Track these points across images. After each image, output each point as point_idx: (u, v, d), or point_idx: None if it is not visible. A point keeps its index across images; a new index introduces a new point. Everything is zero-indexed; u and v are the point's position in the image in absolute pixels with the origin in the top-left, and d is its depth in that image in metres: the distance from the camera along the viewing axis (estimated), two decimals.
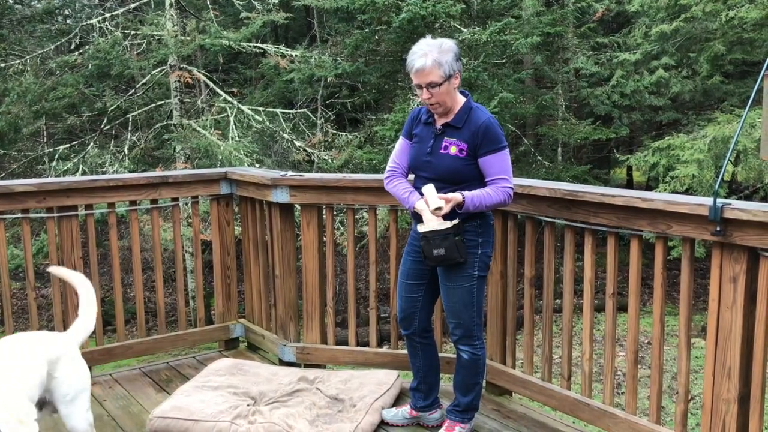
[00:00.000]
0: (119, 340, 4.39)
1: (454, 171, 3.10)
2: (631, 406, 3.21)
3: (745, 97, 12.52)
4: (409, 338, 3.48)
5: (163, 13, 11.76)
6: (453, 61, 3.02)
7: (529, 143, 13.51)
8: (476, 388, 3.37)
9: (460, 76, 3.08)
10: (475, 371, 3.33)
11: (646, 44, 12.24)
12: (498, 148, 3.07)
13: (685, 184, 9.77)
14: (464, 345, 3.28)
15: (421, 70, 3.01)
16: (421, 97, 3.09)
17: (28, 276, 4.10)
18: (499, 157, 3.08)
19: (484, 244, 3.19)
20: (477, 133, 3.06)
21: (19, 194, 3.92)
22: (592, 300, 3.36)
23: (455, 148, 3.09)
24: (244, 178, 4.43)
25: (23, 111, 11.45)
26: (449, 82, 3.03)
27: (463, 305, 3.21)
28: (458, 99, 3.15)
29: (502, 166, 3.09)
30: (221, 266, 4.67)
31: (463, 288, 3.19)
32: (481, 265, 3.20)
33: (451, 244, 3.07)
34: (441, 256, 3.09)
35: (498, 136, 3.07)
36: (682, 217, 2.83)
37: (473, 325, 3.25)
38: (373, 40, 11.89)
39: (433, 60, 2.98)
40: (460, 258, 3.10)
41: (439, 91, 3.03)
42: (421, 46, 3.05)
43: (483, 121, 3.07)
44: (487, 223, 3.21)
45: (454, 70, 3.03)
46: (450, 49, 3.03)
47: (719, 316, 2.77)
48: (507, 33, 11.16)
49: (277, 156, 12.19)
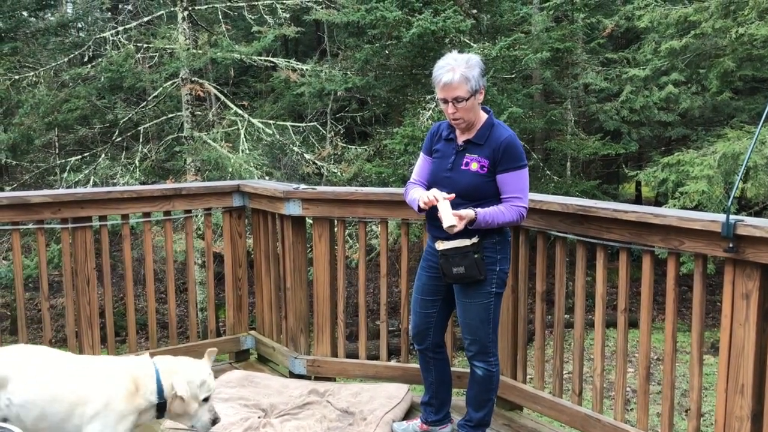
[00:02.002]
0: (130, 351, 4.41)
1: (474, 187, 3.09)
2: (643, 423, 3.20)
3: (755, 113, 12.51)
4: (422, 353, 3.49)
5: (175, 26, 11.87)
6: (479, 77, 3.03)
7: (538, 158, 13.52)
8: (489, 404, 3.37)
9: (484, 91, 3.08)
10: (489, 387, 3.33)
11: (655, 60, 12.25)
12: (517, 167, 3.08)
13: (694, 200, 9.76)
14: (479, 361, 3.29)
15: (448, 84, 3.00)
16: (446, 111, 3.09)
17: (42, 286, 4.13)
18: (517, 175, 3.08)
19: (502, 260, 3.20)
20: (498, 150, 3.06)
21: (35, 205, 3.96)
22: (603, 315, 3.36)
23: (476, 165, 3.09)
24: (256, 190, 4.46)
25: (36, 122, 11.55)
26: (474, 98, 3.04)
27: (479, 322, 3.21)
28: (481, 115, 3.15)
29: (519, 185, 3.09)
30: (233, 278, 4.69)
31: (481, 305, 3.19)
32: (498, 282, 3.20)
33: (471, 262, 3.08)
34: (461, 274, 3.10)
35: (518, 154, 3.08)
36: (695, 234, 2.83)
37: (489, 341, 3.25)
38: (383, 55, 11.96)
39: (461, 75, 2.99)
40: (480, 276, 3.10)
41: (465, 106, 3.03)
42: (448, 60, 3.04)
43: (504, 138, 3.07)
44: (505, 240, 3.22)
45: (480, 85, 3.03)
46: (477, 64, 3.04)
47: (732, 332, 2.77)
48: (516, 48, 11.20)
49: (287, 169, 12.25)
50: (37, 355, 2.76)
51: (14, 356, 2.73)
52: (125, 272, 4.41)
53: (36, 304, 12.60)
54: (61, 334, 11.27)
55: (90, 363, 2.84)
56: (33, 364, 2.69)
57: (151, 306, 4.48)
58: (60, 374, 2.69)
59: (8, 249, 11.51)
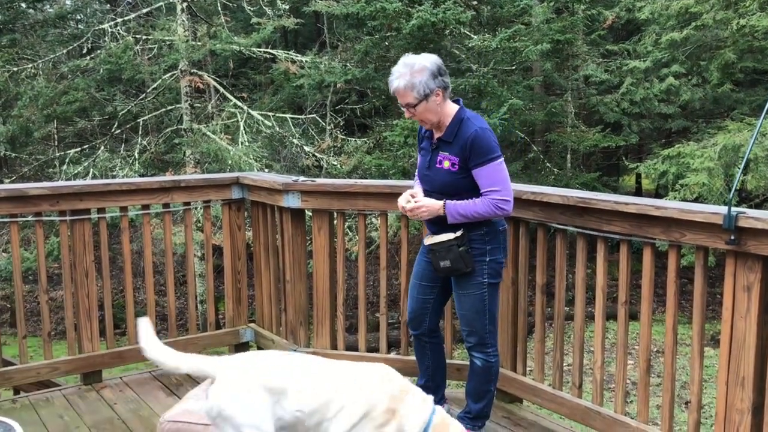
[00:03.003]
0: (130, 344, 4.40)
1: (448, 185, 3.12)
2: (643, 415, 3.20)
3: (756, 105, 12.48)
4: (418, 338, 3.50)
5: (174, 18, 11.83)
6: (428, 80, 2.98)
7: (538, 150, 13.50)
8: (488, 396, 3.37)
9: (443, 91, 3.04)
10: (488, 378, 3.33)
11: (656, 52, 12.22)
12: (487, 160, 3.02)
13: (695, 192, 9.75)
14: (477, 352, 3.29)
15: (396, 92, 3.05)
16: (406, 116, 3.14)
17: (41, 279, 4.12)
18: (488, 169, 3.03)
19: (492, 251, 3.18)
20: (466, 146, 3.03)
21: (33, 197, 3.94)
22: (604, 308, 3.35)
23: (448, 163, 3.09)
24: (255, 182, 4.45)
25: (35, 114, 11.53)
26: (426, 101, 3.01)
27: (475, 313, 3.22)
28: (447, 112, 3.10)
29: (492, 178, 3.04)
30: (232, 270, 4.68)
31: (474, 296, 3.20)
32: (491, 272, 3.19)
33: (456, 256, 3.11)
34: (448, 267, 3.15)
35: (486, 147, 3.01)
36: (696, 226, 2.82)
37: (486, 332, 3.25)
38: (383, 47, 11.92)
39: (406, 82, 2.98)
40: (466, 268, 3.12)
41: (417, 111, 3.04)
42: (398, 67, 3.05)
43: (471, 134, 3.02)
44: (495, 231, 3.20)
45: (430, 88, 2.99)
46: (423, 68, 2.99)
47: (733, 325, 2.76)
48: (517, 40, 11.17)
49: (286, 161, 12.23)
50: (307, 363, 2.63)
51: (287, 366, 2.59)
52: (124, 265, 4.40)
53: (35, 296, 12.61)
54: (61, 326, 11.29)
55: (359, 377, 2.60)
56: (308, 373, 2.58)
57: (151, 298, 4.46)
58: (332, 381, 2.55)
59: (7, 241, 11.51)
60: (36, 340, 9.57)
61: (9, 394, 5.10)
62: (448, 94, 3.09)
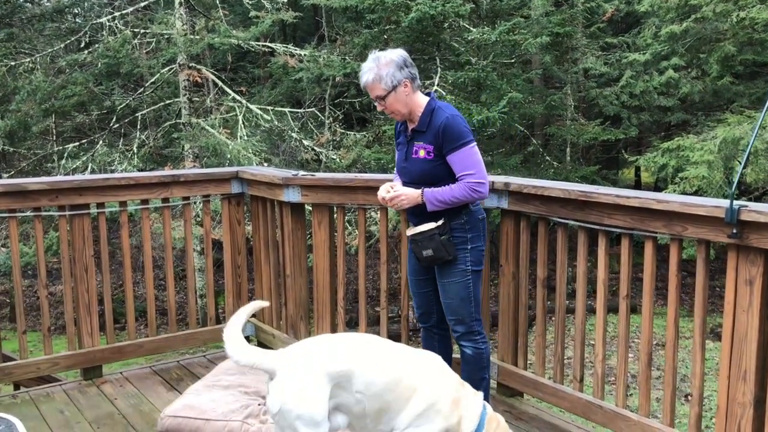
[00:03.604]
0: (130, 339, 4.40)
1: (425, 173, 3.18)
2: (645, 409, 3.19)
3: (755, 98, 12.45)
4: (428, 330, 3.52)
5: (172, 11, 11.79)
6: (395, 72, 3.09)
7: (537, 143, 13.48)
8: (483, 384, 3.36)
9: (411, 82, 3.13)
10: (480, 366, 3.33)
11: (655, 45, 12.18)
12: (459, 146, 3.09)
13: (694, 186, 9.73)
14: (466, 341, 3.31)
15: (366, 86, 3.18)
16: (378, 109, 3.22)
17: (40, 274, 4.10)
18: (461, 153, 3.09)
19: (473, 239, 3.24)
20: (438, 134, 3.10)
21: (32, 192, 3.93)
22: (605, 302, 3.34)
23: (423, 151, 3.17)
24: (255, 177, 4.43)
25: (33, 109, 11.49)
26: (395, 92, 3.11)
27: (460, 300, 3.25)
28: (418, 103, 3.19)
29: (465, 162, 3.10)
30: (232, 265, 4.67)
31: (459, 284, 3.24)
32: (473, 259, 3.24)
33: (437, 244, 3.17)
34: (430, 256, 3.20)
35: (458, 133, 3.09)
36: (698, 219, 2.81)
37: (473, 320, 3.28)
38: (382, 40, 11.87)
39: (374, 75, 3.11)
40: (448, 256, 3.18)
41: (386, 102, 3.14)
42: (366, 62, 3.17)
43: (442, 121, 3.10)
44: (475, 219, 3.25)
45: (397, 80, 3.09)
46: (390, 61, 3.10)
47: (735, 318, 2.75)
48: (516, 33, 11.13)
49: (285, 155, 12.20)
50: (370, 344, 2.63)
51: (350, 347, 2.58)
52: (124, 259, 4.39)
53: (35, 291, 12.60)
54: (60, 321, 11.28)
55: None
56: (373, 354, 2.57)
57: (150, 293, 4.46)
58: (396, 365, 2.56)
59: (6, 237, 11.49)
60: (35, 335, 9.57)
61: (9, 389, 5.09)
62: (416, 85, 3.17)
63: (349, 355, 2.51)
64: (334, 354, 2.49)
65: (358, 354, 2.52)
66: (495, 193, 3.68)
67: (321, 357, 2.47)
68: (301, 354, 2.51)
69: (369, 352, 2.56)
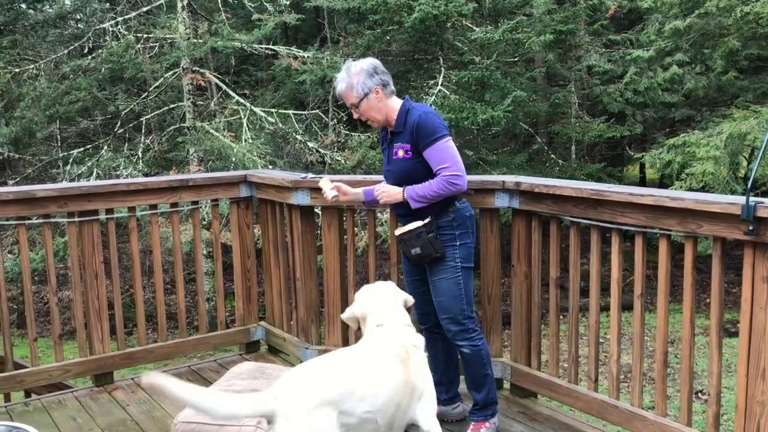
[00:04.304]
0: (140, 345, 4.39)
1: (406, 172, 3.23)
2: (661, 408, 3.17)
3: (760, 93, 12.40)
4: (429, 331, 3.52)
5: (175, 16, 11.78)
6: (365, 80, 3.19)
7: (542, 142, 13.44)
8: (487, 381, 3.36)
9: (383, 88, 3.22)
10: (481, 363, 3.33)
11: (659, 41, 12.14)
12: (433, 140, 3.12)
13: (701, 182, 9.69)
14: (461, 340, 3.31)
15: (339, 95, 3.31)
16: (355, 116, 3.34)
17: (50, 281, 4.10)
18: (436, 148, 3.12)
19: (462, 236, 3.26)
20: (413, 131, 3.16)
21: (41, 199, 3.92)
22: (619, 301, 3.32)
23: (402, 151, 3.22)
24: (264, 180, 4.42)
25: (37, 115, 11.50)
26: (367, 100, 3.21)
27: (450, 297, 3.26)
28: (393, 107, 3.26)
29: (440, 156, 3.13)
30: (241, 269, 4.66)
31: (449, 280, 3.26)
32: (462, 256, 3.26)
33: (424, 242, 3.21)
34: (418, 254, 3.25)
35: (431, 128, 3.13)
36: (713, 216, 2.79)
37: (465, 317, 3.28)
38: (385, 41, 11.86)
39: (345, 85, 3.24)
40: (436, 253, 3.21)
41: (360, 110, 3.25)
42: (339, 73, 3.30)
43: (415, 118, 3.16)
44: (463, 216, 3.27)
45: (369, 87, 3.20)
46: (360, 70, 3.20)
47: (752, 316, 2.73)
48: (519, 31, 11.10)
49: (290, 157, 12.18)
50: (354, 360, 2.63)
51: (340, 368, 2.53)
52: (133, 265, 4.37)
53: (42, 297, 12.60)
54: (68, 326, 11.28)
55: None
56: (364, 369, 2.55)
57: (160, 298, 4.45)
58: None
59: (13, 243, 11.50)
60: (44, 341, 9.57)
61: (20, 395, 5.08)
62: (388, 91, 3.25)
63: (342, 376, 2.44)
64: (329, 380, 2.40)
65: (350, 371, 2.48)
66: (506, 192, 3.66)
67: (318, 388, 2.35)
68: (296, 389, 2.36)
69: (358, 366, 2.53)
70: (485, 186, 3.68)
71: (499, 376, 3.92)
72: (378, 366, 2.56)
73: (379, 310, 2.89)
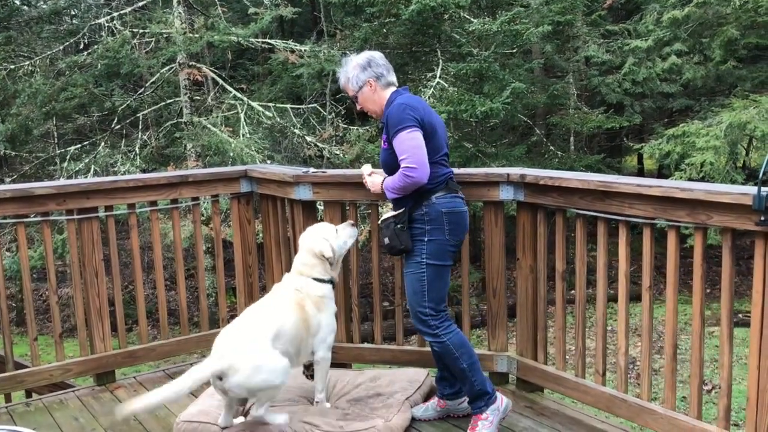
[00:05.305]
0: (142, 342, 4.34)
1: (384, 163, 3.31)
2: (670, 401, 3.14)
3: (758, 82, 12.37)
4: None
5: (170, 10, 11.70)
6: (359, 73, 3.30)
7: (541, 133, 13.41)
8: (465, 374, 3.27)
9: (376, 80, 3.29)
10: (452, 357, 3.26)
11: (657, 31, 12.10)
12: (395, 132, 3.13)
13: (701, 172, 9.66)
14: (425, 336, 3.31)
15: (342, 89, 3.46)
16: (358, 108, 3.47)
17: (50, 279, 4.05)
18: (397, 140, 3.13)
19: (432, 231, 3.21)
20: (385, 124, 3.23)
21: (39, 197, 3.87)
22: (627, 294, 3.28)
23: (384, 142, 3.29)
24: (265, 175, 4.37)
25: (33, 112, 11.43)
26: (362, 92, 3.32)
27: (412, 293, 3.27)
28: (383, 100, 3.32)
29: (400, 148, 3.13)
30: (243, 265, 4.61)
31: (413, 275, 3.25)
32: (431, 252, 3.20)
33: (391, 233, 3.23)
34: (387, 244, 3.27)
35: (396, 119, 3.13)
36: (724, 207, 2.75)
37: (425, 314, 3.24)
38: (382, 33, 11.80)
39: (344, 78, 3.38)
40: (400, 245, 3.22)
41: (359, 102, 3.37)
42: (341, 68, 3.44)
43: (388, 111, 3.21)
44: (437, 211, 3.21)
45: (362, 80, 3.30)
46: (356, 65, 3.32)
47: (764, 308, 2.69)
48: (517, 23, 11.05)
49: (288, 152, 12.13)
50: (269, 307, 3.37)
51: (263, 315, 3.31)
52: (133, 262, 4.33)
53: (40, 295, 12.56)
54: (67, 324, 11.23)
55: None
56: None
57: (162, 296, 4.40)
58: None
59: (11, 240, 11.44)
60: (43, 339, 9.53)
61: (21, 395, 5.04)
62: (383, 82, 3.31)
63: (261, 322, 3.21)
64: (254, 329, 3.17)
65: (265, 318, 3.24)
66: (511, 185, 3.62)
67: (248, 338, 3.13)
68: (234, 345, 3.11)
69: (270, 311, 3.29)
70: (489, 179, 3.64)
71: (505, 371, 3.88)
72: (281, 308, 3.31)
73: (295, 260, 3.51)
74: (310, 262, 3.43)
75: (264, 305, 3.38)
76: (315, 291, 3.41)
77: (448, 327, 3.28)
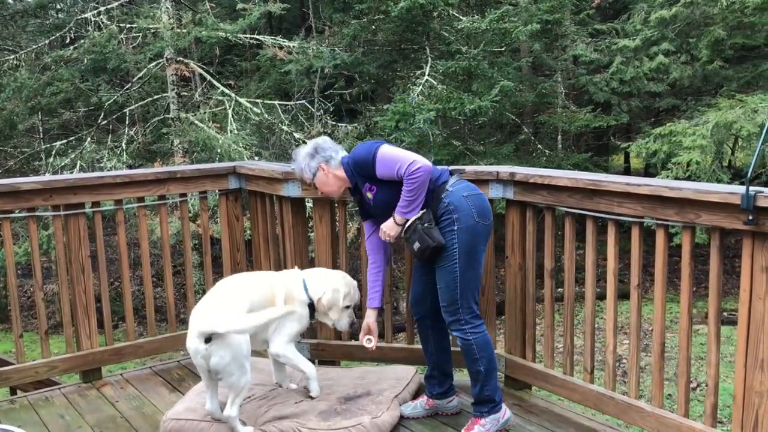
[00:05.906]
0: (129, 339, 4.32)
1: (385, 203, 3.29)
2: (658, 399, 3.16)
3: (743, 82, 12.46)
4: (421, 322, 3.50)
5: (158, 5, 11.62)
6: (310, 162, 3.40)
7: (528, 132, 13.44)
8: (480, 377, 3.25)
9: (326, 164, 3.37)
10: (472, 357, 3.25)
11: (645, 30, 12.14)
12: (372, 161, 3.20)
13: (687, 171, 9.72)
14: (455, 330, 3.28)
15: (299, 179, 3.59)
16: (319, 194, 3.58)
17: (36, 275, 4.02)
18: (379, 163, 3.19)
19: (461, 218, 3.16)
20: (358, 172, 3.30)
21: (25, 192, 3.84)
22: (615, 292, 3.30)
23: (369, 193, 3.32)
24: (253, 172, 4.35)
25: (18, 107, 11.29)
26: (317, 178, 3.41)
27: (445, 286, 3.21)
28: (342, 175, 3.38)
29: (387, 165, 3.18)
30: (231, 262, 4.59)
31: (446, 268, 3.20)
32: (463, 240, 3.15)
33: (420, 234, 3.16)
34: (419, 248, 3.19)
35: (364, 155, 3.24)
36: (712, 206, 2.76)
37: (458, 307, 3.20)
38: (371, 30, 11.77)
39: (298, 171, 3.46)
40: (432, 242, 3.15)
41: (317, 187, 3.46)
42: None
43: (349, 164, 3.33)
44: (458, 197, 3.18)
45: (314, 167, 3.39)
46: (305, 155, 3.42)
47: (751, 306, 2.71)
48: (506, 21, 11.05)
49: (275, 148, 12.07)
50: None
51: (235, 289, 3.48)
52: (120, 258, 4.30)
53: (25, 291, 12.46)
54: (53, 320, 11.15)
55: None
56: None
57: (149, 293, 4.37)
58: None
59: None
60: (28, 335, 9.46)
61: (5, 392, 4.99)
62: (334, 164, 3.38)
63: (240, 294, 3.38)
64: (235, 296, 3.35)
65: (245, 292, 3.41)
66: (500, 183, 3.62)
67: (230, 301, 3.32)
68: (211, 309, 3.26)
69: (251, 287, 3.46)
70: (479, 177, 3.64)
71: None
72: (260, 290, 3.47)
73: (315, 272, 3.69)
74: (320, 282, 3.59)
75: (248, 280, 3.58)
76: (297, 292, 3.57)
77: (477, 326, 3.26)
